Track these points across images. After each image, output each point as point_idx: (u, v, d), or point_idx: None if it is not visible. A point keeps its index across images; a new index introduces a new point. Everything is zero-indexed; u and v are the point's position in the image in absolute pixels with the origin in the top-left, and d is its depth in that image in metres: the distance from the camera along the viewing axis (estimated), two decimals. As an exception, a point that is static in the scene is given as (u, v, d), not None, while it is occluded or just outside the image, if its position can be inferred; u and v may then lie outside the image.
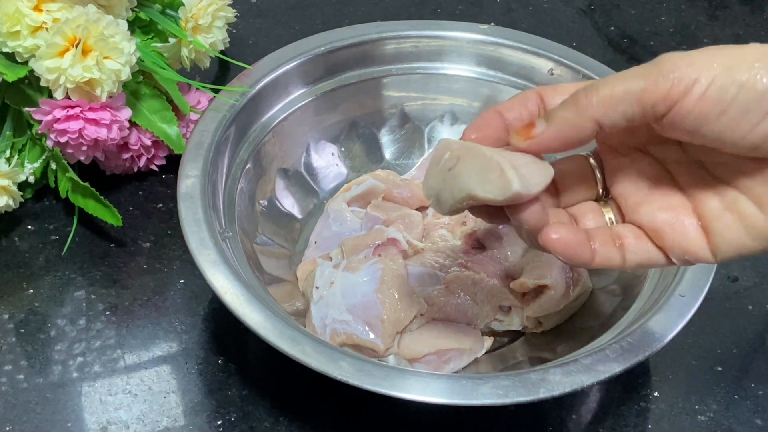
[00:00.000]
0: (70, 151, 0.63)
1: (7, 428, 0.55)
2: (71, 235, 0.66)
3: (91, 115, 0.61)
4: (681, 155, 0.42)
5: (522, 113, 0.44)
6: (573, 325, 0.61)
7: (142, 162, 0.69)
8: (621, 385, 0.59)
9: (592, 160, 0.46)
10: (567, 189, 0.46)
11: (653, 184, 0.43)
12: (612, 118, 0.39)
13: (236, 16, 0.71)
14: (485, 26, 0.71)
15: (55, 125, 0.61)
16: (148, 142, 0.67)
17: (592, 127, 0.40)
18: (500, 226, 0.63)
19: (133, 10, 0.67)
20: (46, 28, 0.60)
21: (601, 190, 0.45)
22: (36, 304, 0.62)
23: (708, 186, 0.42)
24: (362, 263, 0.59)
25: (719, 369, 0.61)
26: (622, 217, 0.44)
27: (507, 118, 0.44)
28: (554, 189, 0.45)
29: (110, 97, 0.62)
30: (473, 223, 0.65)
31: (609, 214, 0.45)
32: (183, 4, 0.67)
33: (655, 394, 0.59)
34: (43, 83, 0.61)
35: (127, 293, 0.63)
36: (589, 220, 0.45)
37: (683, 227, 0.42)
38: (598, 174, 0.45)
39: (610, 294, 0.61)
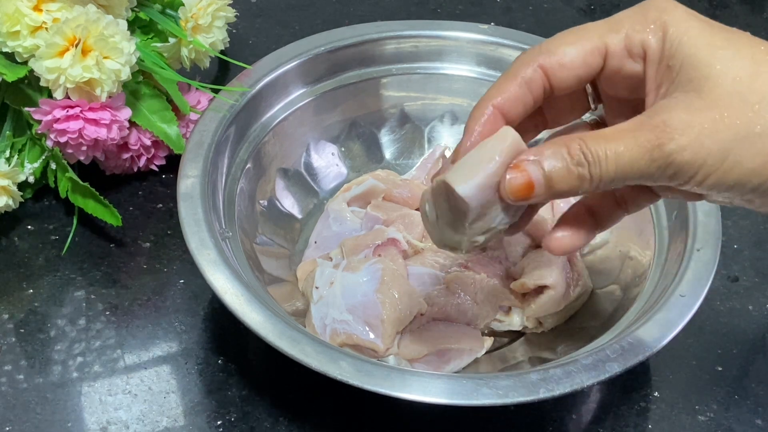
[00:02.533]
0: (69, 151, 0.63)
1: (7, 428, 0.55)
2: (71, 235, 0.66)
3: (91, 115, 0.61)
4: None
5: (527, 103, 0.43)
6: (573, 325, 0.61)
7: (142, 162, 0.68)
8: (621, 385, 0.59)
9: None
10: (555, 108, 0.46)
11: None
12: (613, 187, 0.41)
13: (236, 16, 0.71)
14: (485, 26, 0.71)
15: (54, 125, 0.61)
16: (148, 142, 0.67)
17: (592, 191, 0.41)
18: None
19: (133, 10, 0.67)
20: (46, 28, 0.60)
21: (594, 105, 0.45)
22: (36, 304, 0.62)
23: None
24: (362, 263, 0.59)
25: (719, 369, 0.61)
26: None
27: (510, 116, 0.43)
28: (540, 113, 0.45)
29: (110, 97, 0.62)
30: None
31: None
32: (183, 4, 0.67)
33: (655, 394, 0.59)
34: (42, 83, 0.61)
35: (127, 293, 0.63)
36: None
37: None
38: (590, 90, 0.45)
39: (610, 294, 0.61)
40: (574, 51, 0.41)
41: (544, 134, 0.47)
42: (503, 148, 0.41)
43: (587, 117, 0.47)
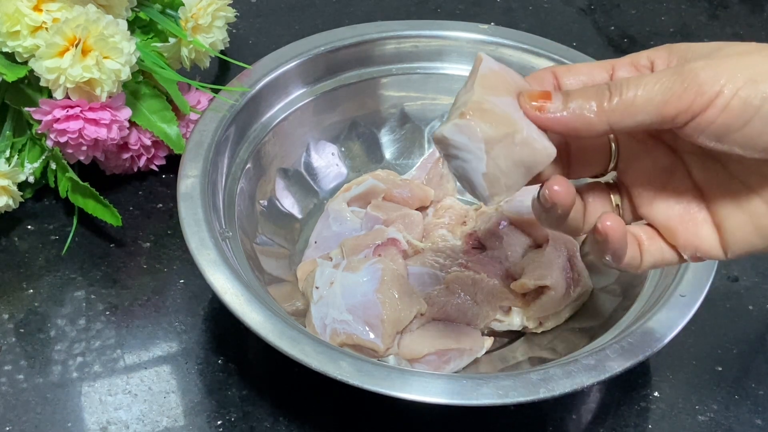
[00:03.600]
0: (69, 151, 0.63)
1: (7, 428, 0.55)
2: (71, 235, 0.66)
3: (90, 115, 0.61)
4: (696, 147, 0.41)
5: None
6: (573, 325, 0.61)
7: (142, 162, 0.69)
8: (621, 385, 0.59)
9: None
10: (580, 159, 0.45)
11: (667, 176, 0.43)
12: (627, 125, 0.39)
13: (236, 16, 0.71)
14: (485, 26, 0.71)
15: (54, 125, 0.61)
16: (148, 142, 0.67)
17: (604, 130, 0.40)
18: (500, 226, 0.63)
19: (133, 10, 0.67)
20: (46, 28, 0.60)
21: (612, 164, 0.44)
22: (36, 304, 0.62)
23: (722, 182, 0.41)
24: (362, 263, 0.59)
25: (719, 369, 0.61)
26: (631, 207, 0.44)
27: None
28: (566, 157, 0.44)
29: (110, 97, 0.62)
30: (473, 223, 0.65)
31: (617, 201, 0.44)
32: (183, 4, 0.67)
33: (655, 394, 0.59)
34: (43, 83, 0.61)
35: (127, 293, 0.63)
36: (598, 205, 0.44)
37: (696, 225, 0.42)
38: (614, 147, 0.44)
39: (610, 294, 0.61)
40: (584, 67, 0.43)
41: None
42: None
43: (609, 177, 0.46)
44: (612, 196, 0.44)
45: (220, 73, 0.80)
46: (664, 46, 0.41)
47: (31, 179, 0.66)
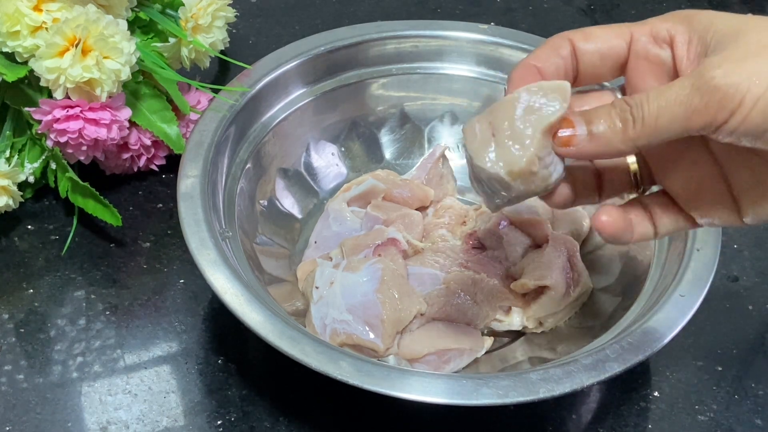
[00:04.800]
0: (69, 151, 0.63)
1: (7, 428, 0.55)
2: (71, 235, 0.66)
3: (91, 115, 0.61)
4: None
5: (557, 63, 0.44)
6: (573, 325, 0.61)
7: (142, 162, 0.69)
8: (621, 385, 0.59)
9: None
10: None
11: (685, 147, 0.43)
12: (653, 143, 0.40)
13: (236, 16, 0.71)
14: (485, 26, 0.71)
15: (54, 125, 0.61)
16: (148, 142, 0.67)
17: (630, 151, 0.41)
18: (500, 226, 0.63)
19: (133, 10, 0.67)
20: (46, 28, 0.60)
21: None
22: (36, 304, 0.62)
23: (740, 156, 0.41)
24: (362, 263, 0.59)
25: (719, 369, 0.61)
26: (649, 174, 0.45)
27: (542, 69, 0.44)
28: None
29: (110, 97, 0.62)
30: (473, 223, 0.65)
31: (635, 170, 0.45)
32: (183, 4, 0.67)
33: (655, 394, 0.59)
34: (43, 83, 0.61)
35: (127, 293, 0.63)
36: (615, 176, 0.45)
37: (713, 195, 0.43)
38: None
39: (610, 294, 0.61)
40: (600, 31, 0.44)
41: None
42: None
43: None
44: (630, 165, 0.45)
45: (220, 73, 0.80)
46: (684, 16, 0.41)
47: (31, 179, 0.66)
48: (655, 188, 0.45)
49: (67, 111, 0.61)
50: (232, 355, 0.60)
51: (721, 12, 0.41)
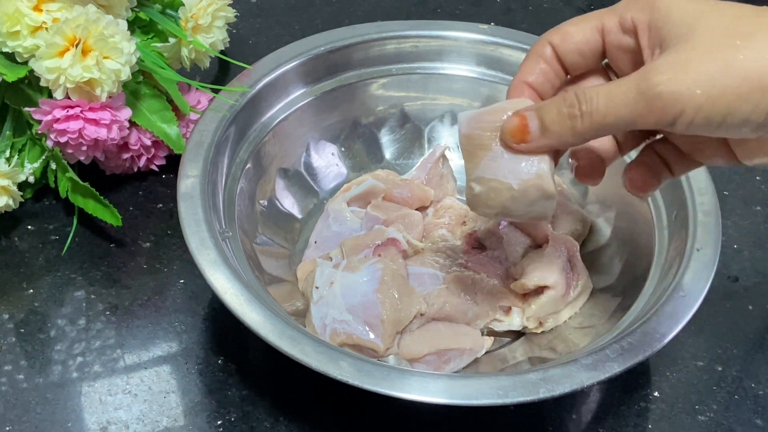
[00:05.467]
0: (70, 151, 0.63)
1: (7, 428, 0.55)
2: (71, 235, 0.66)
3: (91, 115, 0.61)
4: None
5: (545, 71, 0.47)
6: (573, 325, 0.61)
7: (142, 162, 0.69)
8: (621, 385, 0.59)
9: None
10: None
11: None
12: (603, 136, 0.44)
13: (236, 16, 0.71)
14: (485, 26, 0.71)
15: (55, 125, 0.61)
16: (148, 142, 0.67)
17: (582, 143, 0.45)
18: (500, 226, 0.63)
19: (133, 10, 0.67)
20: (46, 28, 0.60)
21: None
22: (36, 304, 0.62)
23: None
24: (362, 263, 0.59)
25: (719, 369, 0.61)
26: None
27: (532, 84, 0.48)
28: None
29: (110, 97, 0.62)
30: (473, 223, 0.65)
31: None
32: (183, 4, 0.67)
33: (655, 394, 0.59)
34: (43, 83, 0.61)
35: (127, 293, 0.63)
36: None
37: (712, 149, 0.45)
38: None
39: (610, 294, 0.61)
40: (575, 28, 0.47)
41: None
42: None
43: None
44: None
45: (220, 73, 0.80)
46: (646, 3, 0.43)
47: (31, 179, 0.66)
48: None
49: (67, 111, 0.61)
50: (232, 355, 0.60)
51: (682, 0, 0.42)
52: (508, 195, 0.46)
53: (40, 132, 0.63)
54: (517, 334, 0.61)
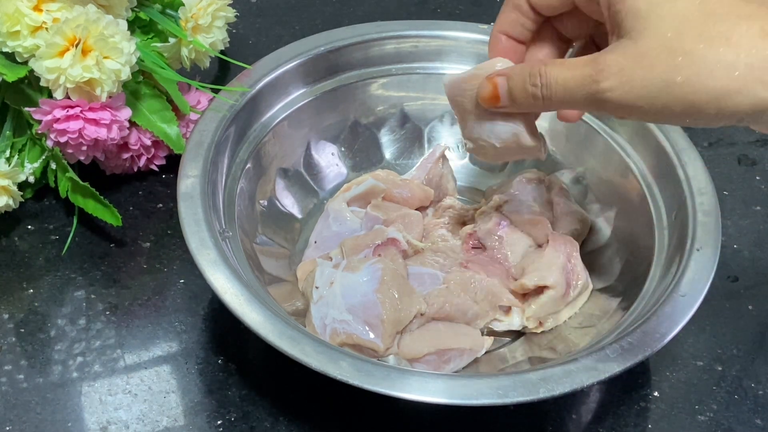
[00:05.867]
0: (70, 151, 0.63)
1: (7, 428, 0.55)
2: (71, 235, 0.66)
3: (91, 115, 0.61)
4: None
5: (522, 22, 0.52)
6: (573, 325, 0.61)
7: (142, 162, 0.69)
8: (621, 385, 0.59)
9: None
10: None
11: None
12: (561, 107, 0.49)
13: (236, 16, 0.71)
14: (485, 26, 0.71)
15: (55, 125, 0.61)
16: (148, 142, 0.67)
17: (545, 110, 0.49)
18: (500, 226, 0.63)
19: (133, 10, 0.67)
20: (46, 28, 0.60)
21: None
22: (36, 304, 0.62)
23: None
24: (362, 263, 0.59)
25: (719, 369, 0.61)
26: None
27: (509, 33, 0.52)
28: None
29: (110, 97, 0.62)
30: (473, 223, 0.65)
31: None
32: (183, 4, 0.67)
33: (655, 394, 0.59)
34: (43, 83, 0.61)
35: (127, 293, 0.63)
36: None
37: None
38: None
39: (610, 294, 0.61)
40: None
41: None
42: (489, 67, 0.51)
43: None
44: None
45: (220, 73, 0.80)
46: None
47: (31, 179, 0.66)
48: None
49: (67, 111, 0.61)
50: (232, 355, 0.60)
51: None
52: (494, 151, 0.53)
53: (40, 132, 0.63)
54: (517, 334, 0.61)
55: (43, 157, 0.66)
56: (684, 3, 0.42)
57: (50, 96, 0.62)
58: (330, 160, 0.71)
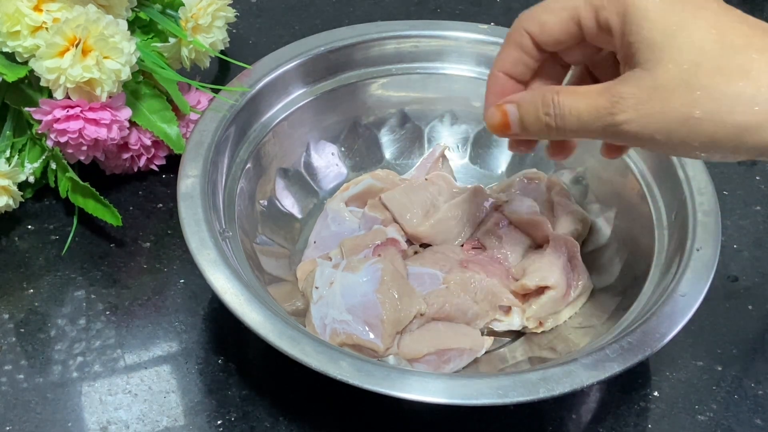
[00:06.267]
0: (70, 151, 0.63)
1: (7, 428, 0.55)
2: (71, 235, 0.66)
3: (91, 115, 0.61)
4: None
5: (524, 61, 0.49)
6: (573, 325, 0.61)
7: (142, 162, 0.69)
8: (621, 385, 0.59)
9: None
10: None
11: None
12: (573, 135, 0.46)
13: (236, 16, 0.71)
14: (485, 26, 0.71)
15: (55, 125, 0.61)
16: (148, 142, 0.67)
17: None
18: (500, 226, 0.63)
19: (133, 10, 0.67)
20: (46, 28, 0.60)
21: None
22: (36, 304, 0.62)
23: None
24: (362, 263, 0.59)
25: (719, 369, 0.61)
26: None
27: (511, 73, 0.50)
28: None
29: (110, 97, 0.62)
30: (473, 223, 0.65)
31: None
32: (183, 4, 0.67)
33: (655, 394, 0.59)
34: (43, 83, 0.61)
35: (127, 293, 0.63)
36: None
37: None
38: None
39: (610, 294, 0.61)
40: (552, 18, 0.46)
41: None
42: None
43: None
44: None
45: (220, 73, 0.80)
46: (621, 4, 0.43)
47: (31, 179, 0.66)
48: None
49: (67, 111, 0.61)
50: (232, 355, 0.60)
51: (654, 6, 0.42)
52: None
53: (40, 132, 0.63)
54: (517, 334, 0.61)
55: (43, 157, 0.66)
56: (700, 34, 0.41)
57: (50, 96, 0.62)
58: (330, 160, 0.71)
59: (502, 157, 0.72)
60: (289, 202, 0.68)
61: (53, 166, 0.66)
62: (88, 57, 0.60)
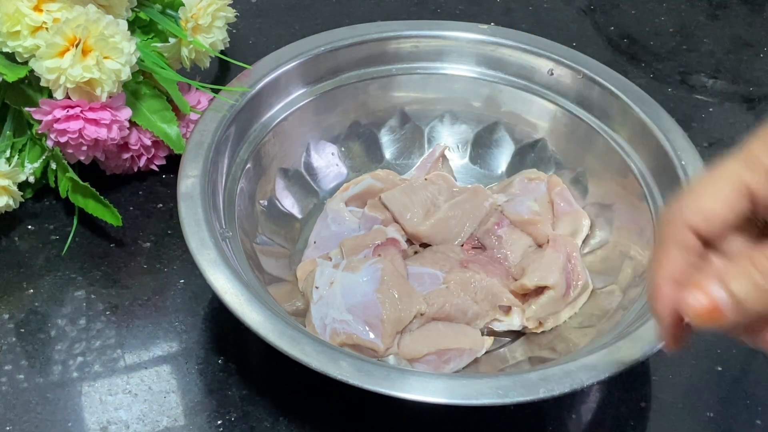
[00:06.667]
0: (70, 151, 0.63)
1: (7, 428, 0.55)
2: (71, 235, 0.66)
3: (91, 115, 0.61)
4: None
5: (694, 264, 0.39)
6: (573, 325, 0.61)
7: (142, 162, 0.69)
8: (621, 385, 0.59)
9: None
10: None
11: None
12: None
13: (236, 16, 0.71)
14: (485, 26, 0.71)
15: (55, 125, 0.61)
16: (148, 142, 0.67)
17: None
18: (500, 226, 0.63)
19: (133, 10, 0.67)
20: (46, 28, 0.60)
21: None
22: (36, 304, 0.62)
23: None
24: (362, 263, 0.59)
25: (719, 369, 0.61)
26: None
27: (680, 280, 0.39)
28: None
29: (110, 97, 0.62)
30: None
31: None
32: (183, 4, 0.67)
33: (655, 394, 0.59)
34: (43, 83, 0.61)
35: (127, 293, 0.63)
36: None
37: None
38: None
39: (610, 294, 0.61)
40: (716, 204, 0.39)
41: None
42: None
43: None
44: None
45: (220, 73, 0.80)
46: None
47: (32, 179, 0.66)
48: None
49: (68, 111, 0.61)
50: (232, 355, 0.60)
51: None
52: None
53: (40, 132, 0.63)
54: (517, 334, 0.61)
55: (43, 157, 0.66)
56: None
57: (50, 96, 0.62)
58: (330, 160, 0.71)
59: (502, 157, 0.72)
60: (289, 202, 0.68)
61: (53, 166, 0.66)
62: (88, 57, 0.60)
